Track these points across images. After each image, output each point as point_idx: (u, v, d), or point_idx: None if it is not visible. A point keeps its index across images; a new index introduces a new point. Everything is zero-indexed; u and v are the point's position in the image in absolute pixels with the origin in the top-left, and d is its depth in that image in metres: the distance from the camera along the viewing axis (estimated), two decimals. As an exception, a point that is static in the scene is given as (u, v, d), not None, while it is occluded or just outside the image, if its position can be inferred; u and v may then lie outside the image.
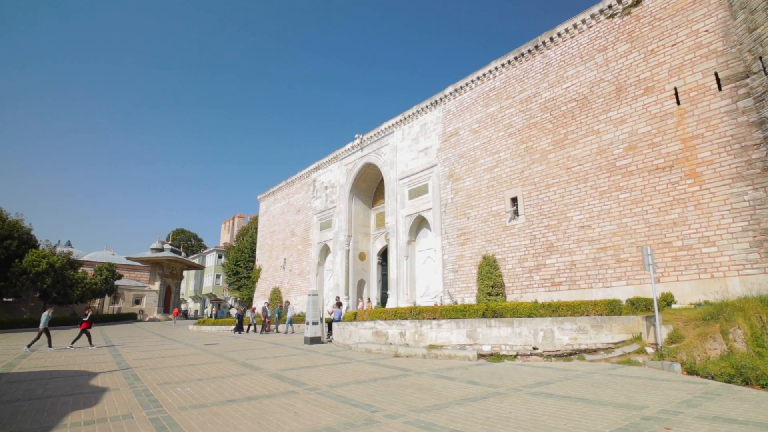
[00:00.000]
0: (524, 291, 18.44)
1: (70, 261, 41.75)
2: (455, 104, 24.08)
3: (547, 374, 9.25)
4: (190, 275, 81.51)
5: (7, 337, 25.87)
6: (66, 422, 6.07)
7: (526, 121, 19.94)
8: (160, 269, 55.37)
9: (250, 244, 50.05)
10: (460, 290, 21.40)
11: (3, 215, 38.71)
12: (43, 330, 17.61)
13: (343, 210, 31.63)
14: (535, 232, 18.60)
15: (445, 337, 12.65)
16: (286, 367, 11.24)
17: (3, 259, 36.51)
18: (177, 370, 11.03)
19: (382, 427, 5.44)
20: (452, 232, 22.57)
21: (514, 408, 6.32)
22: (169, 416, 6.25)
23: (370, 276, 31.12)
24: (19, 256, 37.57)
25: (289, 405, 6.79)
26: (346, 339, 16.38)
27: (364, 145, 30.60)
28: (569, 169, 17.77)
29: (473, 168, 22.10)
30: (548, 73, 19.42)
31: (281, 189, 41.71)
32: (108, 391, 8.32)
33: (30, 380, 10.04)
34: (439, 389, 7.80)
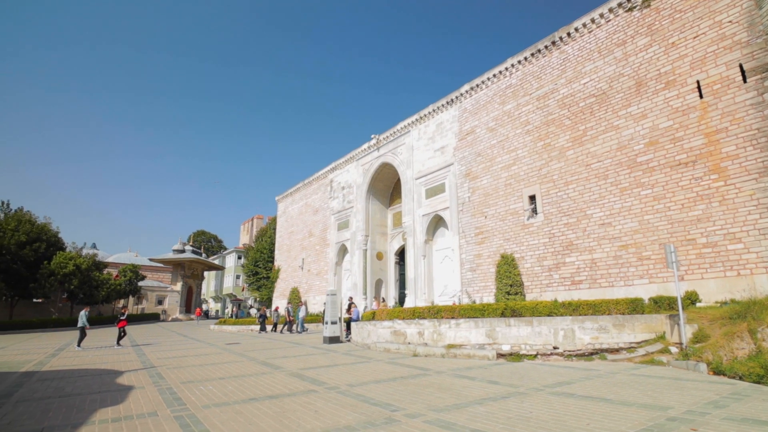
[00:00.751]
0: (543, 290, 18.26)
1: (95, 262, 42.91)
2: (471, 102, 23.94)
3: (568, 374, 9.15)
4: (211, 276, 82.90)
5: (37, 336, 26.74)
6: (94, 419, 6.26)
7: (543, 117, 19.72)
8: (182, 270, 56.44)
9: (269, 244, 50.62)
10: (478, 289, 21.30)
11: (32, 219, 40.01)
12: (80, 328, 18.38)
13: (360, 210, 31.76)
14: (554, 230, 18.40)
15: (464, 337, 12.61)
16: (306, 366, 11.35)
17: (32, 261, 37.75)
18: (199, 369, 11.26)
19: (402, 426, 5.46)
20: (470, 231, 22.47)
21: (535, 408, 6.27)
22: (192, 414, 6.38)
23: (387, 275, 31.18)
24: (47, 258, 38.79)
25: (310, 404, 6.86)
26: (364, 338, 16.46)
27: (381, 145, 30.66)
28: (588, 166, 17.52)
29: (490, 166, 21.95)
30: (566, 69, 19.17)
31: (299, 190, 42.08)
32: (134, 389, 8.54)
33: (59, 378, 10.38)
34: (458, 389, 7.79)
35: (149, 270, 59.59)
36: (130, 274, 48.41)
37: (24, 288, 37.99)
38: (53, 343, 20.81)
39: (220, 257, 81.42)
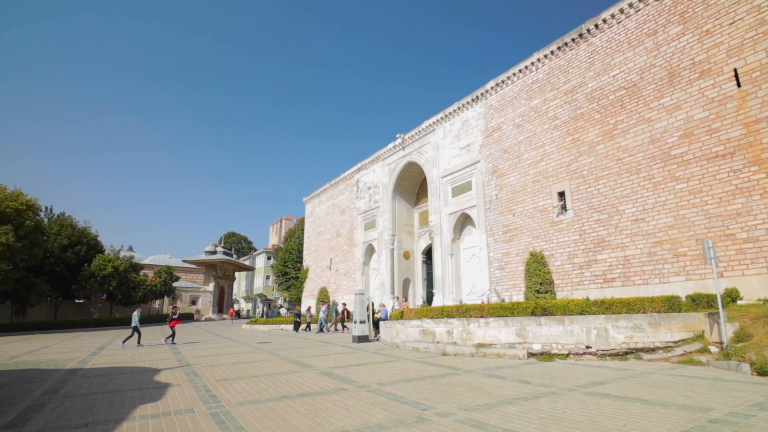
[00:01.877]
0: (575, 288, 17.90)
1: (132, 264, 44.54)
2: (497, 99, 23.67)
3: (601, 374, 8.97)
4: (242, 276, 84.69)
5: (79, 335, 28.00)
6: (135, 415, 6.50)
7: (571, 112, 19.32)
8: (214, 271, 57.92)
9: (297, 245, 51.34)
10: (507, 288, 21.05)
11: (73, 223, 41.85)
12: (134, 327, 19.38)
13: (387, 209, 31.85)
14: (584, 226, 18.01)
15: (494, 336, 12.52)
16: (336, 365, 11.49)
17: (74, 264, 39.50)
18: (233, 368, 11.54)
19: (433, 425, 5.47)
20: (497, 228, 22.23)
21: (568, 408, 6.18)
22: (227, 411, 6.54)
23: (415, 275, 31.18)
24: (87, 260, 40.51)
25: (341, 402, 6.95)
26: (393, 337, 16.54)
27: (406, 144, 30.67)
28: (620, 161, 17.07)
29: (517, 163, 21.65)
30: (594, 62, 18.73)
31: (326, 191, 42.53)
32: (170, 387, 8.81)
33: (101, 375, 10.83)
34: (489, 388, 7.75)
35: (183, 271, 61.41)
36: (165, 275, 50.04)
37: (67, 289, 39.84)
38: (94, 342, 21.75)
39: (250, 258, 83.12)
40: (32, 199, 32.54)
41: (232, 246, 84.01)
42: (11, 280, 30.93)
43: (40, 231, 33.04)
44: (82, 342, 22.27)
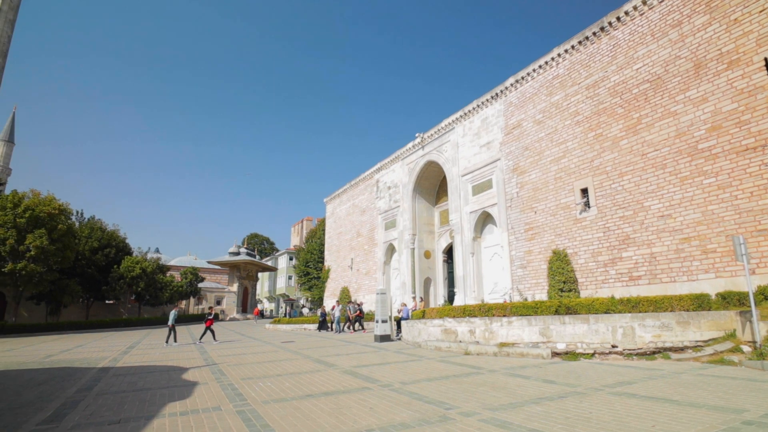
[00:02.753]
0: (599, 286, 17.58)
1: (159, 266, 45.67)
2: (517, 95, 23.42)
3: (628, 373, 8.82)
4: (265, 276, 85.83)
5: (110, 335, 28.83)
6: (165, 412, 6.67)
7: (594, 107, 18.98)
8: (238, 272, 58.88)
9: (319, 245, 51.77)
10: (529, 287, 20.82)
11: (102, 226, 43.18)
12: (171, 326, 19.98)
13: (407, 209, 31.85)
14: (608, 223, 17.67)
15: (517, 335, 12.42)
16: (359, 364, 11.55)
17: (104, 266, 40.76)
18: (258, 366, 11.71)
19: (457, 424, 5.47)
20: (519, 227, 22.00)
21: (594, 408, 6.10)
22: (253, 409, 6.65)
23: (436, 274, 31.10)
24: (116, 262, 41.73)
25: (364, 401, 6.99)
26: (415, 337, 16.55)
27: (425, 143, 30.60)
28: (644, 156, 16.69)
29: (539, 160, 21.38)
30: (616, 55, 18.35)
31: (346, 191, 42.76)
32: (198, 385, 9.00)
33: (132, 374, 11.14)
34: (513, 387, 7.71)
35: (207, 272, 62.64)
36: (191, 276, 51.16)
37: (97, 290, 41.11)
38: (124, 342, 22.37)
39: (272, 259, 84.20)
40: (64, 204, 33.73)
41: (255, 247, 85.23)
42: (46, 281, 32.15)
43: (71, 234, 34.20)
44: (112, 341, 22.91)
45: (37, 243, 29.83)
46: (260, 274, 78.17)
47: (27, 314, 37.45)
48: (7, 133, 76.98)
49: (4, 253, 29.62)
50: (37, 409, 7.25)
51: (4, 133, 76.48)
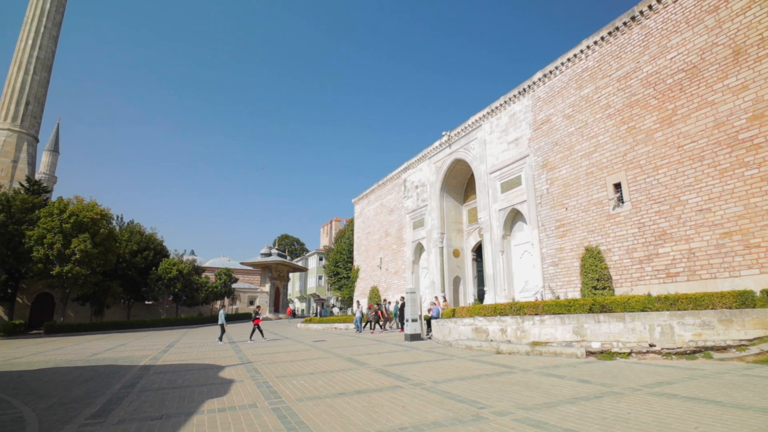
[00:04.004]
0: (634, 284, 17.09)
1: (195, 267, 47.09)
2: (545, 90, 22.99)
3: (668, 373, 8.58)
4: (295, 277, 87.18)
5: (150, 334, 29.91)
6: (203, 409, 6.91)
7: (626, 99, 18.45)
8: (269, 272, 60.02)
9: (348, 245, 52.20)
10: (561, 285, 20.43)
11: (141, 230, 44.88)
12: (221, 325, 21.36)
13: (435, 208, 31.75)
14: (643, 219, 17.15)
15: (549, 334, 12.25)
16: (390, 362, 11.62)
17: (143, 268, 42.35)
18: (291, 365, 11.95)
19: (491, 423, 5.45)
20: (550, 224, 21.61)
21: (633, 408, 5.96)
22: (288, 407, 6.80)
23: (465, 273, 30.89)
24: (155, 264, 43.29)
25: (396, 399, 7.04)
26: (445, 336, 16.54)
27: (452, 141, 30.43)
28: (680, 148, 16.11)
29: (569, 155, 20.94)
30: (648, 45, 17.78)
31: (374, 191, 42.96)
32: (234, 383, 9.26)
33: (171, 372, 11.54)
34: (546, 387, 7.63)
35: (240, 273, 64.12)
36: (225, 277, 52.51)
37: (137, 291, 42.74)
38: (163, 341, 23.18)
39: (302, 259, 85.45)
40: (106, 209, 35.29)
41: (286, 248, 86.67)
42: (90, 283, 33.69)
43: (113, 238, 35.73)
44: (152, 340, 23.77)
45: (82, 247, 31.29)
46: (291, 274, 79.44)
47: (73, 314, 39.32)
48: (52, 143, 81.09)
49: (52, 257, 31.21)
50: (86, 404, 7.64)
51: (50, 143, 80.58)
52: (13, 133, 43.95)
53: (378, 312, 26.19)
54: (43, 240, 31.00)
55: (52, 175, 79.00)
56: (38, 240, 31.02)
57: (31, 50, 46.30)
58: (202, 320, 45.54)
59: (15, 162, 43.34)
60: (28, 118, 45.35)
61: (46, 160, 78.81)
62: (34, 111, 46.04)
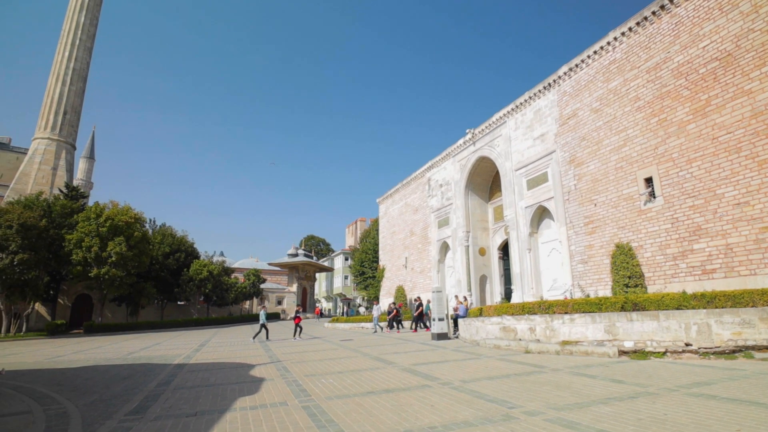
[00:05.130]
0: (668, 281, 16.57)
1: (224, 268, 48.18)
2: (571, 84, 22.53)
3: (705, 373, 8.32)
4: (322, 277, 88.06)
5: (182, 334, 30.78)
6: (236, 406, 7.10)
7: (656, 91, 17.90)
8: (296, 272, 60.84)
9: (373, 245, 52.41)
10: (591, 282, 19.98)
11: (173, 232, 46.19)
12: (262, 324, 22.35)
13: (460, 206, 31.54)
14: (677, 214, 16.61)
15: (580, 333, 12.03)
16: (417, 362, 11.65)
17: (175, 269, 43.58)
18: (319, 364, 12.12)
19: (522, 423, 5.41)
20: (578, 220, 21.17)
21: (669, 409, 5.81)
22: (318, 405, 6.92)
23: (491, 271, 30.58)
24: (186, 266, 44.48)
25: (425, 398, 7.06)
26: (472, 335, 16.44)
27: (476, 138, 30.16)
28: (715, 139, 15.53)
29: (597, 150, 20.46)
30: (679, 34, 17.20)
31: (398, 191, 42.99)
32: (265, 381, 9.47)
33: (204, 370, 11.87)
34: (578, 387, 7.51)
35: (268, 273, 65.21)
36: (253, 277, 53.52)
37: (170, 292, 44.03)
38: (195, 340, 23.81)
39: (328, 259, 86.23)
40: (139, 213, 36.50)
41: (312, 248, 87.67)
42: (125, 285, 34.93)
43: (146, 241, 36.92)
44: (185, 340, 24.45)
45: (117, 249, 32.47)
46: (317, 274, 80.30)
47: (110, 315, 40.82)
48: (88, 150, 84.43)
49: (90, 260, 32.51)
50: (124, 401, 7.96)
51: (86, 150, 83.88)
52: (53, 141, 45.99)
53: (395, 311, 26.25)
54: (82, 243, 32.33)
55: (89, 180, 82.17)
56: (77, 243, 32.38)
57: (68, 62, 48.31)
58: (232, 320, 46.54)
59: (54, 169, 45.32)
60: (66, 127, 47.35)
61: (83, 167, 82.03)
62: (71, 120, 48.04)
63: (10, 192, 42.55)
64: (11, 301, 31.19)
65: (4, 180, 48.00)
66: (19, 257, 28.95)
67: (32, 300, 33.03)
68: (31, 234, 30.24)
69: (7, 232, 28.96)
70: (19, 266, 29.14)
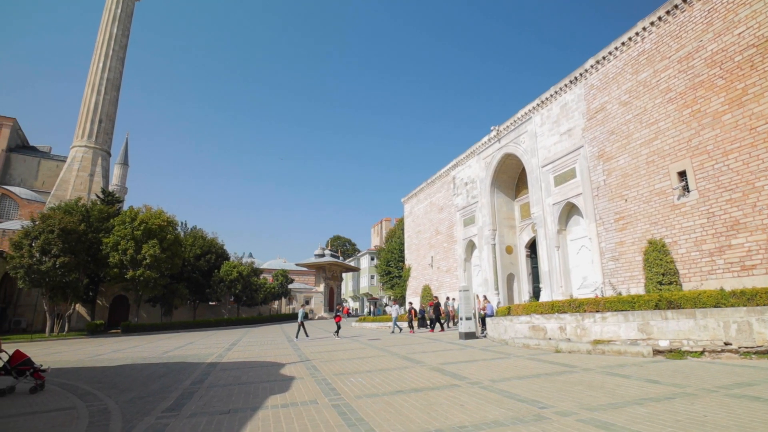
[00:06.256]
0: (704, 278, 16.00)
1: (253, 269, 49.12)
2: (598, 77, 22.01)
3: (747, 374, 8.02)
4: (348, 277, 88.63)
5: (214, 333, 31.49)
6: (267, 404, 7.27)
7: (688, 81, 17.30)
8: (323, 273, 61.46)
9: (399, 244, 52.44)
10: (623, 280, 19.48)
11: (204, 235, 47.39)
12: (300, 323, 23.15)
13: (485, 204, 31.24)
14: (713, 208, 16.02)
15: (612, 331, 11.77)
16: (445, 361, 11.63)
17: (206, 271, 44.70)
18: (348, 363, 12.23)
19: (554, 424, 5.35)
20: (608, 217, 20.66)
21: (709, 411, 5.62)
22: (347, 403, 7.01)
23: (519, 269, 30.17)
24: (216, 267, 45.56)
25: (454, 397, 7.06)
26: (501, 334, 16.29)
27: (501, 135, 29.81)
28: (753, 130, 14.90)
29: (627, 144, 19.93)
30: (712, 21, 16.57)
31: (423, 190, 42.89)
32: (295, 380, 9.63)
33: (236, 369, 12.14)
34: (611, 387, 7.37)
35: (295, 273, 66.11)
36: (281, 278, 54.35)
37: (202, 293, 45.18)
38: (227, 339, 24.35)
39: (354, 259, 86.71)
40: (171, 216, 37.62)
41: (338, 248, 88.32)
42: (159, 286, 36.08)
43: (178, 243, 38.04)
44: (216, 339, 25.01)
45: (151, 252, 33.55)
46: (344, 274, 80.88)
47: (146, 315, 42.20)
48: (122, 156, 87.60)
49: (125, 262, 33.72)
50: (161, 398, 8.25)
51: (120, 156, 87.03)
52: (90, 149, 47.96)
53: (413, 311, 26.24)
54: (118, 246, 33.55)
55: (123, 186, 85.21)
56: (113, 246, 33.63)
57: (102, 72, 50.27)
58: (262, 320, 47.40)
59: (91, 175, 47.22)
60: (101, 134, 49.30)
61: (118, 173, 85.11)
62: (106, 128, 49.97)
63: (51, 198, 44.61)
64: (54, 302, 32.64)
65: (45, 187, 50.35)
66: (61, 260, 30.27)
67: (73, 301, 34.50)
68: (71, 238, 31.58)
69: (49, 236, 30.32)
70: (60, 269, 30.48)
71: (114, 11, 52.37)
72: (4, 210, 45.40)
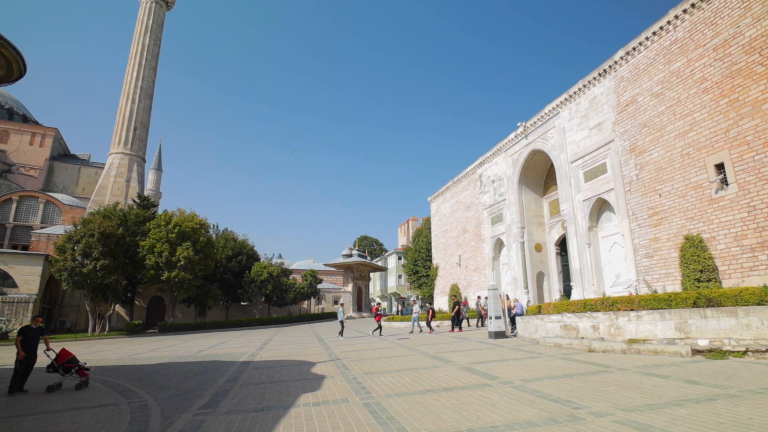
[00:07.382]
0: (746, 274, 15.33)
1: (283, 270, 49.96)
2: (628, 69, 21.39)
3: (793, 374, 7.69)
4: (376, 276, 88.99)
5: (246, 333, 32.24)
6: (299, 402, 7.44)
7: (725, 70, 16.61)
8: (351, 273, 61.87)
9: (426, 244, 52.30)
10: (658, 277, 18.87)
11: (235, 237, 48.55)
12: (341, 321, 23.99)
13: (513, 202, 30.81)
14: (754, 201, 15.34)
15: (648, 330, 11.46)
16: (475, 360, 11.59)
17: (237, 272, 45.78)
18: (377, 362, 12.34)
19: (588, 424, 5.28)
20: (641, 212, 20.06)
21: (755, 413, 5.40)
22: (378, 402, 7.09)
23: (549, 268, 29.62)
24: (248, 268, 46.59)
25: (485, 397, 7.04)
26: (531, 333, 16.07)
27: (528, 132, 29.34)
28: (799, 119, 14.20)
29: (660, 137, 19.29)
30: (750, 5, 15.85)
31: (449, 188, 42.65)
32: (325, 379, 9.81)
33: (268, 367, 12.45)
34: (648, 388, 7.20)
35: (324, 274, 66.86)
36: (311, 278, 55.08)
37: (234, 293, 46.29)
38: (259, 339, 24.89)
39: (382, 259, 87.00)
40: (204, 219, 38.73)
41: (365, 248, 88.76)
42: (193, 287, 37.18)
43: (211, 245, 39.12)
44: (249, 338, 25.62)
45: (185, 254, 34.63)
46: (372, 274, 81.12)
47: (181, 315, 43.56)
48: (156, 162, 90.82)
49: (161, 264, 34.91)
50: (197, 396, 8.56)
51: (154, 162, 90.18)
52: (126, 156, 49.94)
53: (431, 311, 26.08)
54: (154, 249, 34.79)
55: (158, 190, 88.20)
56: (149, 249, 34.89)
57: (136, 82, 52.23)
58: (292, 319, 48.17)
59: (128, 181, 49.12)
60: (137, 141, 51.24)
61: (152, 178, 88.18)
62: (140, 135, 51.89)
63: (91, 203, 46.66)
64: (95, 303, 34.12)
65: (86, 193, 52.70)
66: (101, 263, 31.63)
67: (113, 302, 36.01)
68: (110, 241, 32.96)
69: (90, 240, 31.72)
70: (101, 271, 31.87)
71: (146, 23, 54.31)
72: (49, 216, 47.76)
